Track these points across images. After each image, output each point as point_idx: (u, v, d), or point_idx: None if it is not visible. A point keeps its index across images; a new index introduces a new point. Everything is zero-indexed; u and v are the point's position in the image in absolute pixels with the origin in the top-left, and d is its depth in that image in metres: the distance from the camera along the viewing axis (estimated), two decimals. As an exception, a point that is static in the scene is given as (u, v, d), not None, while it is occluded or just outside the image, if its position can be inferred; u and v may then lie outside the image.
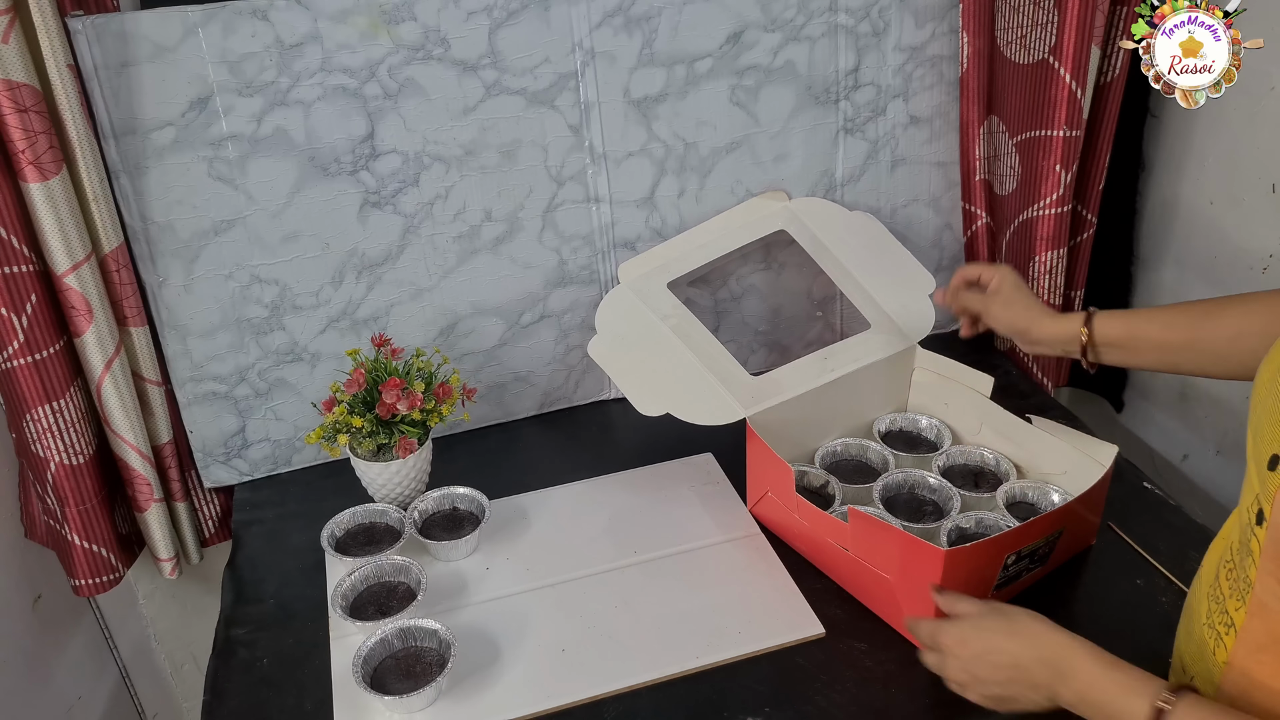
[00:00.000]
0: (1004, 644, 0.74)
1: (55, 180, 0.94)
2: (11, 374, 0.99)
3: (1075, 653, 0.70)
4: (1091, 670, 0.68)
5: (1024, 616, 0.75)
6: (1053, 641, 0.71)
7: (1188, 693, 0.64)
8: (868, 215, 1.25)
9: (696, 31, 1.14)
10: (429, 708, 0.86)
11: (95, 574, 1.11)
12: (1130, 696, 0.65)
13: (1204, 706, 0.63)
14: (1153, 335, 0.91)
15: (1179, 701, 0.63)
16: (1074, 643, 0.71)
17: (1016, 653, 0.73)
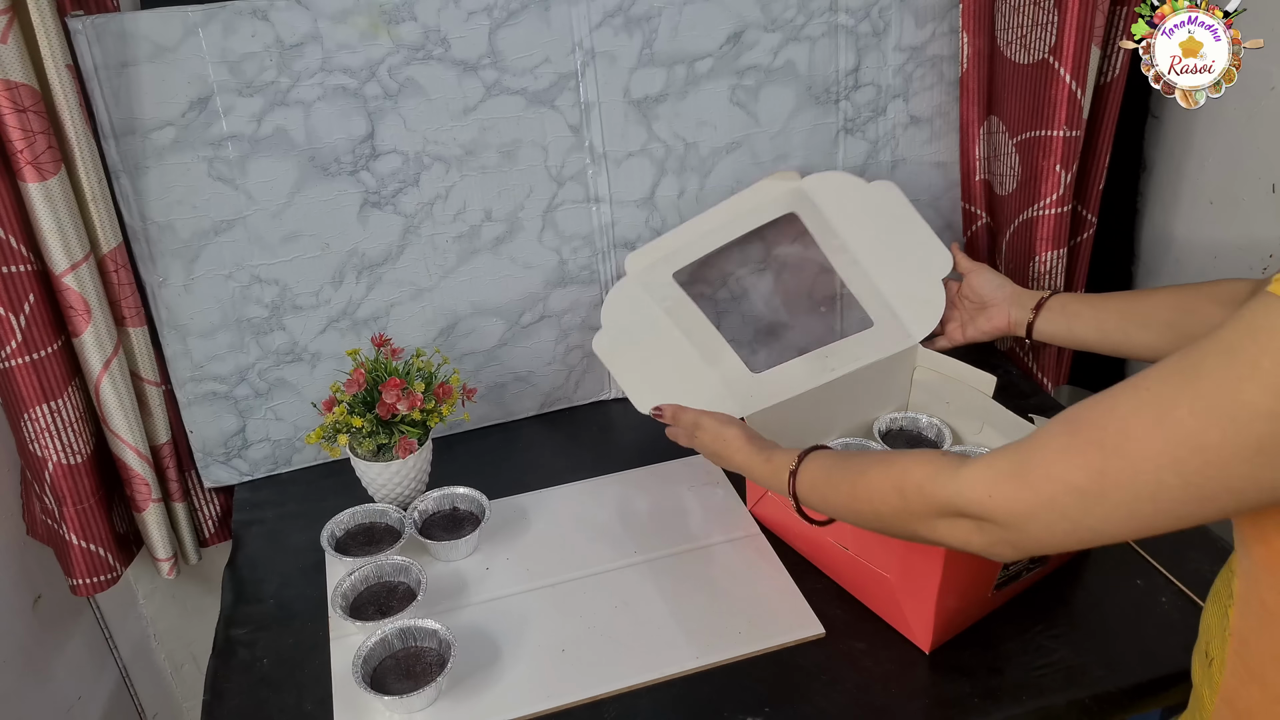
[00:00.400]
0: (709, 446, 0.96)
1: (54, 180, 0.93)
2: (9, 373, 0.99)
3: (751, 462, 0.90)
4: (758, 470, 0.89)
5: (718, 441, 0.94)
6: (736, 460, 0.92)
7: (810, 452, 0.83)
8: (889, 185, 1.20)
9: (696, 31, 1.14)
10: (429, 708, 0.86)
11: (93, 573, 1.10)
12: (779, 474, 0.84)
13: (819, 456, 0.82)
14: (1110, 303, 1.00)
15: (803, 462, 0.82)
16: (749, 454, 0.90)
17: (715, 453, 0.96)
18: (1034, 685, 0.85)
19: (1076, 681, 0.85)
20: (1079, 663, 0.86)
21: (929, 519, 0.68)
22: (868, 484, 0.74)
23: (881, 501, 0.72)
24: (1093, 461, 0.57)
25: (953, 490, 0.65)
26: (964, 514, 0.64)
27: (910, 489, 0.69)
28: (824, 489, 0.80)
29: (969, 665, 0.87)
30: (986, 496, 0.62)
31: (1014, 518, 0.61)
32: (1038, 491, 0.59)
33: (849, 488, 0.76)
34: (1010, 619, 0.91)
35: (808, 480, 0.82)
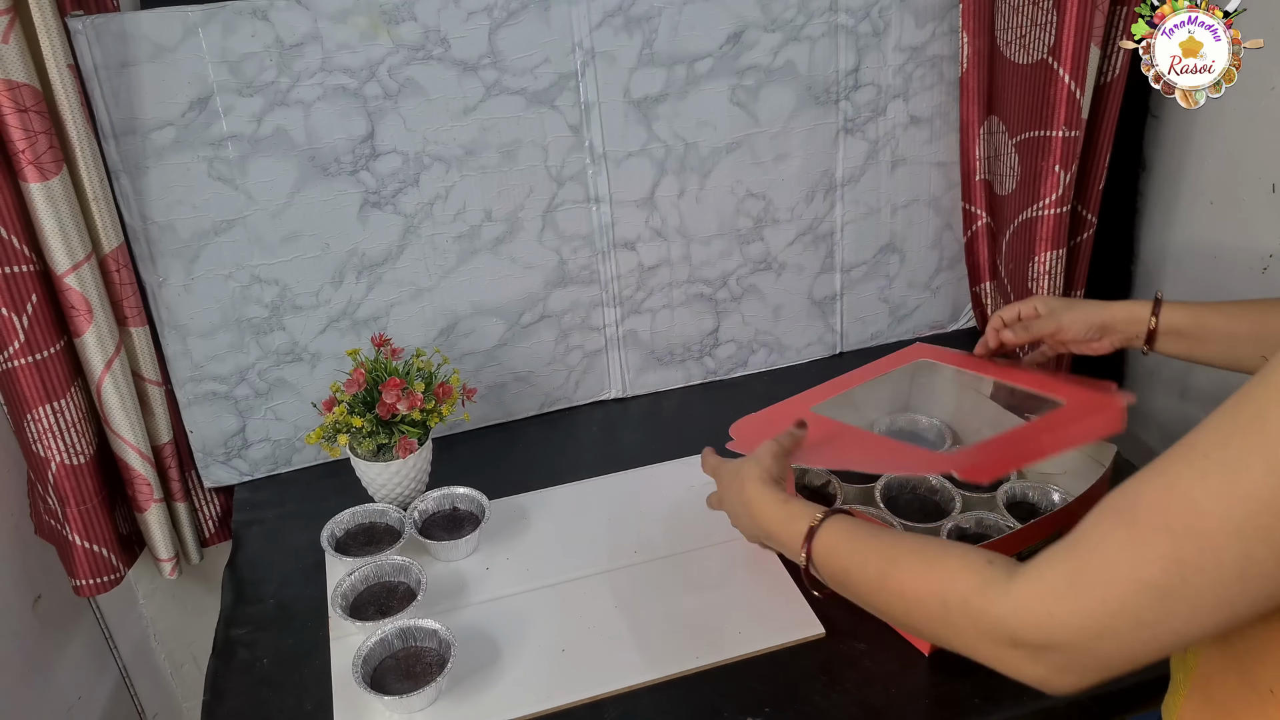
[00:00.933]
0: (727, 495, 0.89)
1: (55, 180, 0.94)
2: (12, 374, 0.99)
3: (758, 497, 0.82)
4: (767, 509, 0.81)
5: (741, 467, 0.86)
6: (746, 492, 0.84)
7: (836, 513, 0.75)
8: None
9: (696, 31, 1.14)
10: (429, 708, 0.86)
11: (96, 574, 1.11)
12: (793, 523, 0.77)
13: (844, 521, 0.74)
14: (1218, 325, 0.89)
15: (826, 520, 0.74)
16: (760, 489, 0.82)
17: (733, 501, 0.87)
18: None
19: (1076, 681, 0.84)
20: (1079, 663, 0.86)
21: (973, 638, 0.59)
22: (901, 578, 0.65)
23: (917, 604, 0.63)
24: (1163, 551, 0.49)
25: (1005, 611, 0.56)
26: (1019, 641, 0.56)
27: (954, 602, 0.60)
28: (846, 560, 0.71)
29: (969, 665, 0.85)
30: (1046, 616, 0.54)
31: (1081, 637, 0.53)
32: (1104, 600, 0.51)
33: (877, 574, 0.67)
34: (1010, 619, 0.91)
35: (827, 545, 0.73)
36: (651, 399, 1.31)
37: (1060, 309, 0.99)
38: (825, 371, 1.19)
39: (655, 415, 1.29)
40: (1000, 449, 0.88)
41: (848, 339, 1.38)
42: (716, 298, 1.29)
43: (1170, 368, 1.28)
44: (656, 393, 1.32)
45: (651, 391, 1.32)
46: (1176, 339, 0.92)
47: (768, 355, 1.35)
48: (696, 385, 1.34)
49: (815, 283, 1.32)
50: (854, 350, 1.38)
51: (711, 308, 1.30)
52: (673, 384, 1.33)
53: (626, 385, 1.31)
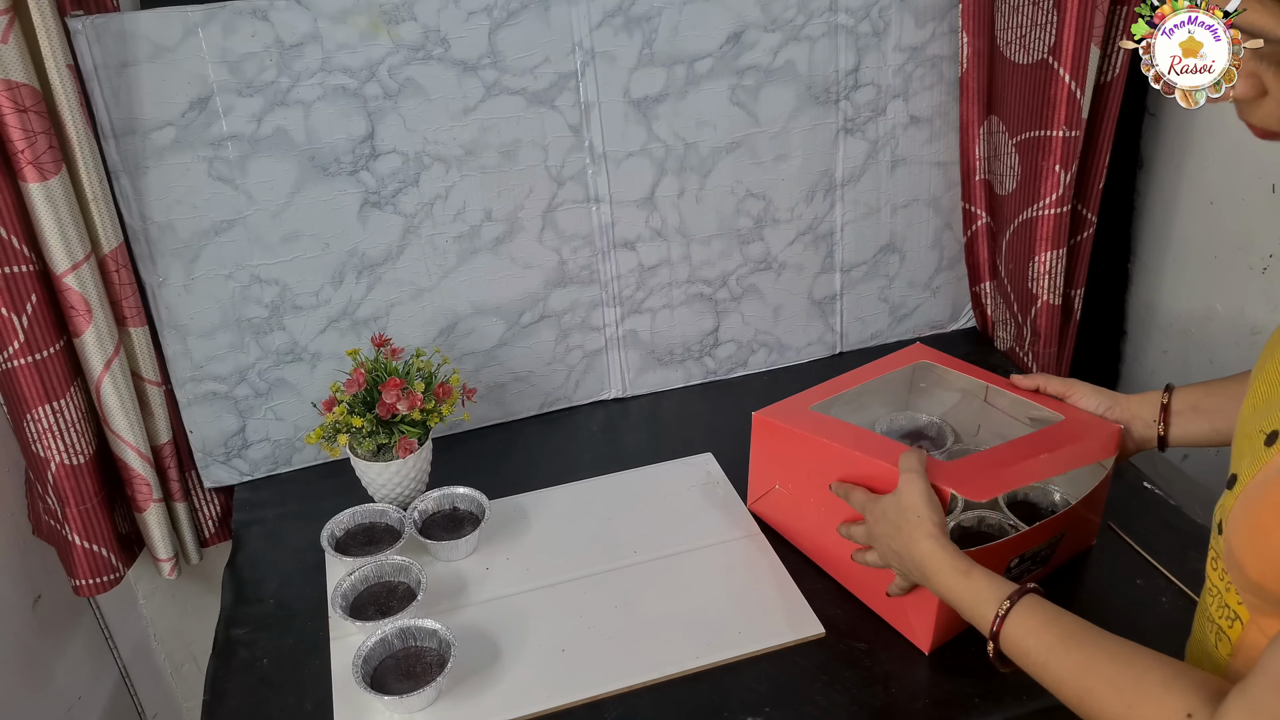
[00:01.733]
0: (890, 543, 0.84)
1: (55, 180, 0.93)
2: (12, 374, 0.99)
3: (934, 558, 0.78)
4: (946, 577, 0.77)
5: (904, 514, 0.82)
6: (918, 549, 0.80)
7: (1028, 594, 0.72)
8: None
9: (696, 31, 1.14)
10: (429, 708, 0.86)
11: (96, 574, 1.10)
12: (981, 604, 0.74)
13: (1032, 615, 0.71)
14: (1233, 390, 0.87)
15: (1013, 610, 0.71)
16: (935, 549, 0.79)
17: (899, 551, 0.82)
18: (1034, 685, 0.83)
19: (1076, 681, 0.84)
20: (1079, 663, 0.86)
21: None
22: (1096, 691, 0.65)
23: (1104, 708, 0.64)
24: None
25: None
26: None
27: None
28: (1040, 655, 0.70)
29: (969, 665, 0.87)
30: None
31: None
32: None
33: (1071, 693, 0.67)
34: (1010, 619, 0.91)
35: (1019, 635, 0.71)
36: (651, 399, 1.31)
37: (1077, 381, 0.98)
38: (825, 371, 1.19)
39: (655, 415, 1.29)
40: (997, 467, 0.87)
41: (848, 339, 1.38)
42: (716, 298, 1.29)
43: (1170, 368, 1.28)
44: (656, 393, 1.32)
45: (651, 391, 1.32)
46: (1195, 416, 0.90)
47: (768, 355, 1.35)
48: (696, 385, 1.34)
49: (815, 283, 1.32)
50: (854, 350, 1.38)
51: (711, 308, 1.30)
52: (673, 384, 1.33)
53: (626, 385, 1.31)
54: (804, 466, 0.97)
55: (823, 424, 0.97)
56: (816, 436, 0.94)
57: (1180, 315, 1.25)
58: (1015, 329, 1.32)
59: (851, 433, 0.94)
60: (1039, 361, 1.30)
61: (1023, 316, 1.29)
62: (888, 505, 0.84)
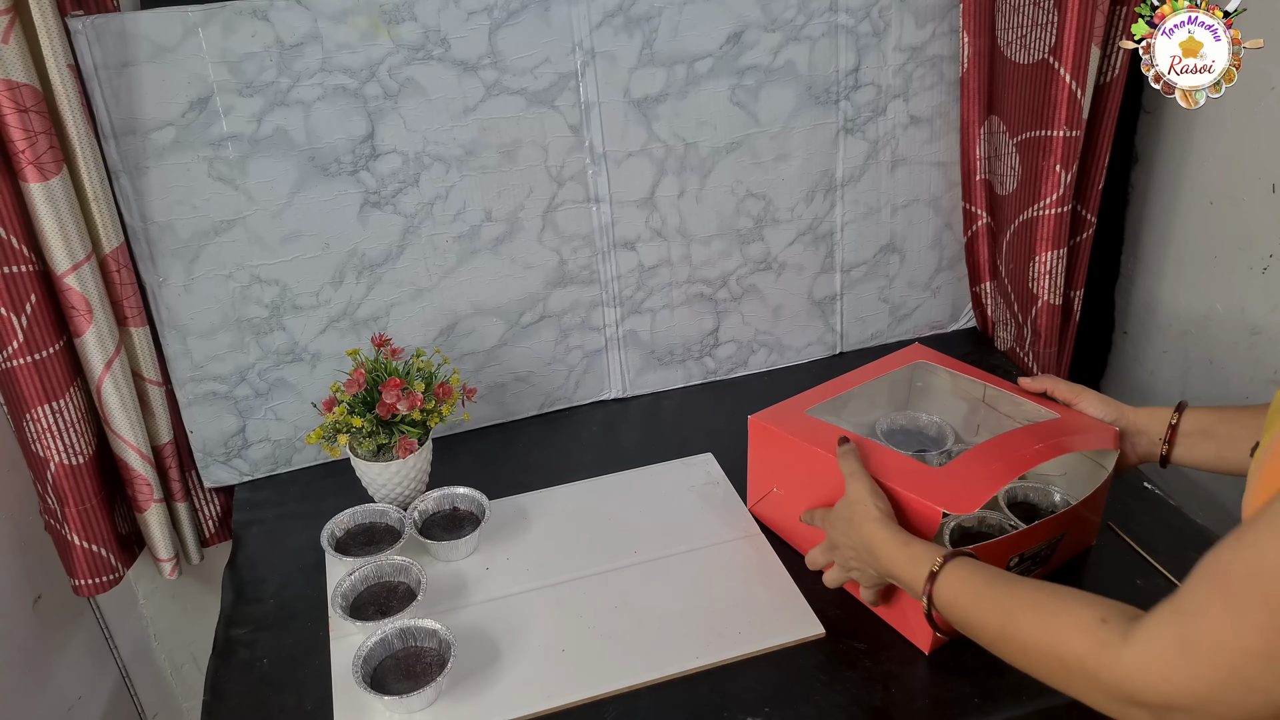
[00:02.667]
0: (844, 539, 0.86)
1: (55, 180, 0.93)
2: (11, 374, 0.99)
3: (877, 537, 0.82)
4: (888, 550, 0.80)
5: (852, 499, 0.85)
6: (865, 532, 0.83)
7: (956, 557, 0.75)
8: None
9: (696, 31, 1.14)
10: (429, 708, 0.86)
11: (95, 574, 1.11)
12: (915, 566, 0.77)
13: (964, 567, 0.74)
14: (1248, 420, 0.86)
15: (946, 565, 0.75)
16: (879, 529, 0.82)
17: (853, 543, 0.85)
18: (1034, 686, 0.84)
19: (1076, 681, 0.84)
20: (1079, 663, 0.86)
21: (1096, 698, 0.61)
22: (1019, 631, 0.67)
23: (1038, 661, 0.65)
24: (1261, 620, 0.52)
25: (1121, 675, 0.58)
26: (1139, 702, 0.58)
27: (1071, 662, 0.62)
28: (967, 610, 0.72)
29: (969, 665, 0.87)
30: (1162, 681, 0.56)
31: (1197, 701, 0.54)
32: (1214, 667, 0.53)
33: (997, 626, 0.69)
34: (1010, 619, 0.91)
35: (949, 592, 0.74)
36: (651, 399, 1.31)
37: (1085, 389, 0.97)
38: (825, 372, 1.20)
39: (655, 415, 1.29)
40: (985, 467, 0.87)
41: (848, 339, 1.38)
42: (716, 298, 1.29)
43: (1170, 368, 1.28)
44: (656, 393, 1.32)
45: (651, 391, 1.32)
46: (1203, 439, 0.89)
47: (768, 355, 1.35)
48: (696, 385, 1.34)
49: (815, 283, 1.32)
50: (854, 350, 1.38)
51: (711, 308, 1.30)
52: (673, 384, 1.33)
53: (626, 385, 1.31)
54: (799, 471, 0.97)
55: (817, 430, 0.97)
56: (809, 444, 0.94)
57: (1180, 315, 1.25)
58: (1015, 329, 1.32)
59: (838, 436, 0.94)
60: (1039, 361, 1.30)
61: (1023, 316, 1.29)
62: (839, 508, 0.87)
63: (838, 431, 0.96)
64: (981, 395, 1.07)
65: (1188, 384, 1.25)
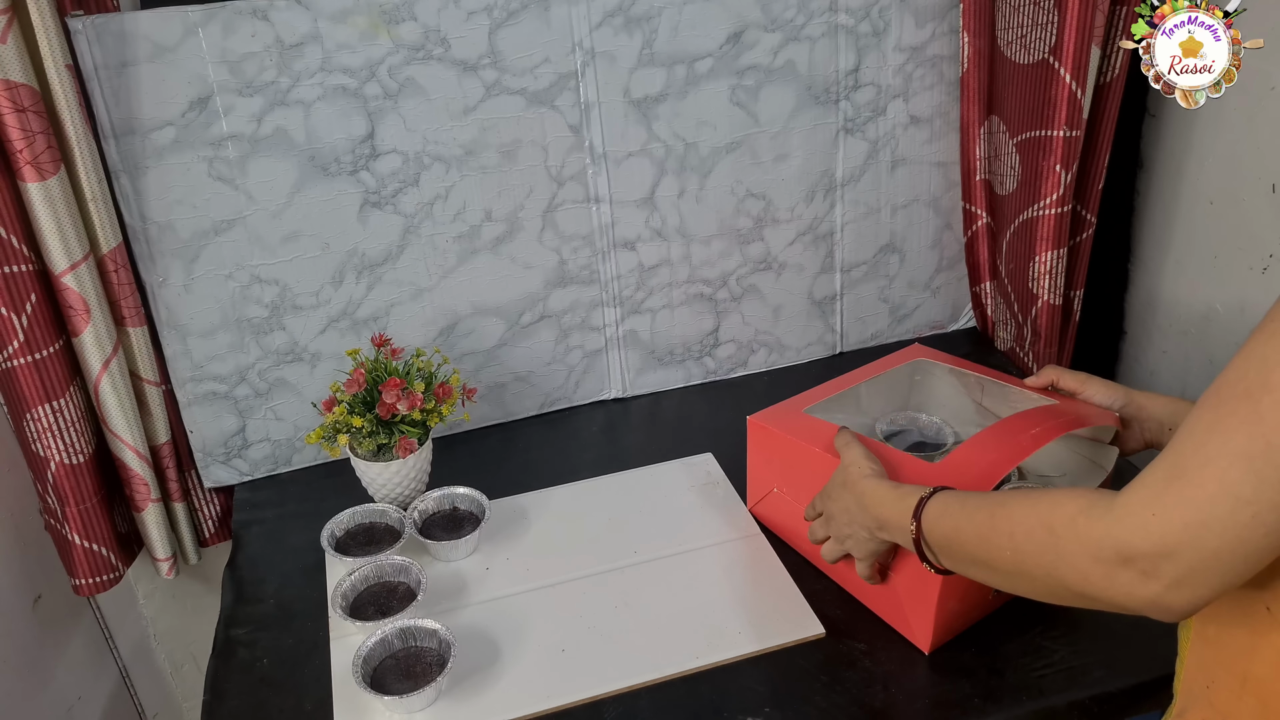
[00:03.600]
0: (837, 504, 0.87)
1: (53, 180, 0.93)
2: (11, 373, 0.99)
3: (869, 489, 0.82)
4: (878, 494, 0.80)
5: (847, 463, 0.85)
6: (858, 488, 0.83)
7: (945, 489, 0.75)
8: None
9: (696, 31, 1.14)
10: (429, 708, 0.86)
11: (95, 573, 1.11)
12: (905, 500, 0.77)
13: (955, 491, 0.74)
14: None
15: (938, 492, 0.75)
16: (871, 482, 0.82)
17: (845, 505, 0.85)
18: (1034, 686, 0.85)
19: (1077, 682, 0.85)
20: (1079, 663, 0.86)
21: (1083, 562, 0.58)
22: (1009, 515, 0.65)
23: (1026, 537, 0.63)
24: (1244, 414, 0.51)
25: (1110, 521, 0.56)
26: (1127, 556, 0.55)
27: (1061, 524, 0.60)
28: (957, 517, 0.71)
29: (969, 666, 0.87)
30: (1150, 517, 0.54)
31: (1187, 532, 0.53)
32: (1201, 482, 0.52)
33: (986, 517, 0.67)
34: (1010, 620, 0.91)
35: (937, 510, 0.73)
36: (651, 399, 1.31)
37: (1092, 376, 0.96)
38: (825, 372, 1.19)
39: (655, 415, 1.29)
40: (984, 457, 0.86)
41: (848, 339, 1.38)
42: (716, 298, 1.29)
43: (1170, 368, 1.28)
44: (656, 393, 1.32)
45: (651, 391, 1.32)
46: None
47: (768, 355, 1.35)
48: (696, 385, 1.34)
49: (815, 283, 1.32)
50: (854, 350, 1.38)
51: (711, 308, 1.30)
52: (673, 384, 1.33)
53: (626, 385, 1.31)
54: (798, 471, 0.97)
55: (815, 429, 0.97)
56: (808, 444, 0.94)
57: (1180, 315, 1.25)
58: (1015, 329, 1.32)
59: None
60: (1039, 362, 1.30)
61: (1023, 316, 1.29)
62: (833, 476, 0.88)
63: (833, 426, 0.96)
64: (981, 395, 1.07)
65: (1188, 384, 1.25)
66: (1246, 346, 0.53)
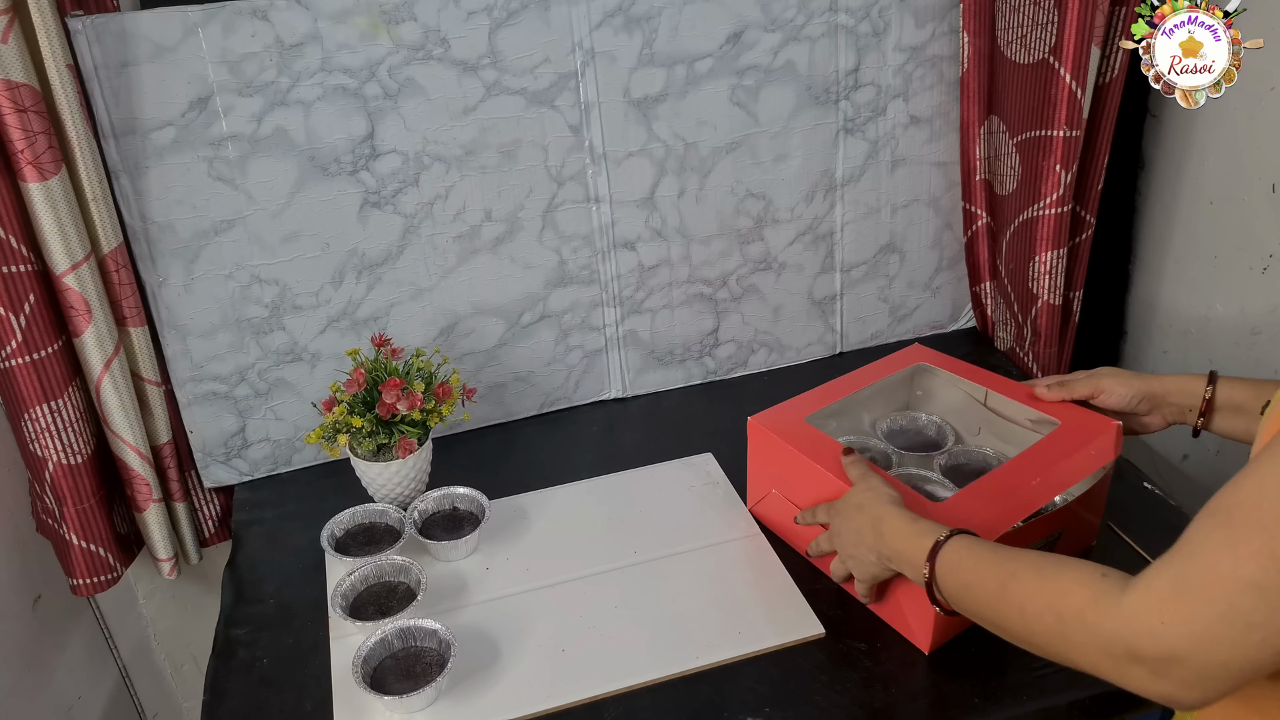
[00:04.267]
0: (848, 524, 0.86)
1: (54, 180, 0.93)
2: (9, 373, 0.99)
3: (889, 515, 0.81)
4: (895, 524, 0.80)
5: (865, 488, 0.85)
6: (877, 511, 0.82)
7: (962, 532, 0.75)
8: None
9: (696, 31, 1.14)
10: (429, 708, 0.86)
11: (93, 574, 1.10)
12: (920, 538, 0.76)
13: (969, 538, 0.74)
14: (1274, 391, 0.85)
15: (952, 537, 0.74)
16: (892, 508, 0.81)
17: (857, 527, 0.84)
18: (1034, 686, 0.84)
19: (1077, 682, 0.84)
20: (1079, 663, 0.86)
21: (1093, 654, 0.60)
22: (1020, 589, 0.65)
23: (1035, 618, 0.64)
24: (1259, 546, 0.51)
25: (1119, 622, 0.57)
26: (1136, 656, 0.56)
27: (1070, 615, 0.61)
28: (969, 575, 0.71)
29: (969, 666, 0.87)
30: (1159, 625, 0.55)
31: (1195, 646, 0.53)
32: (1211, 603, 0.53)
33: (997, 585, 0.68)
34: (1010, 619, 0.91)
35: (951, 560, 0.73)
36: (651, 399, 1.31)
37: (1104, 373, 0.96)
38: (825, 371, 1.20)
39: (655, 415, 1.29)
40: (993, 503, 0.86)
41: (848, 339, 1.38)
42: (716, 298, 1.29)
43: (1170, 368, 1.28)
44: (656, 393, 1.32)
45: (651, 391, 1.32)
46: (1235, 415, 0.88)
47: (768, 355, 1.35)
48: (696, 385, 1.34)
49: (815, 283, 1.32)
50: (854, 350, 1.38)
51: (711, 308, 1.30)
52: (673, 384, 1.33)
53: (626, 385, 1.31)
54: (795, 476, 0.97)
55: (813, 438, 0.97)
56: (804, 454, 0.95)
57: (1180, 315, 1.25)
58: (1015, 329, 1.32)
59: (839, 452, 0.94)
60: (1039, 362, 1.30)
61: (1023, 316, 1.29)
62: (849, 494, 0.87)
63: (833, 441, 0.96)
64: (984, 397, 1.07)
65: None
66: (1260, 468, 0.53)
